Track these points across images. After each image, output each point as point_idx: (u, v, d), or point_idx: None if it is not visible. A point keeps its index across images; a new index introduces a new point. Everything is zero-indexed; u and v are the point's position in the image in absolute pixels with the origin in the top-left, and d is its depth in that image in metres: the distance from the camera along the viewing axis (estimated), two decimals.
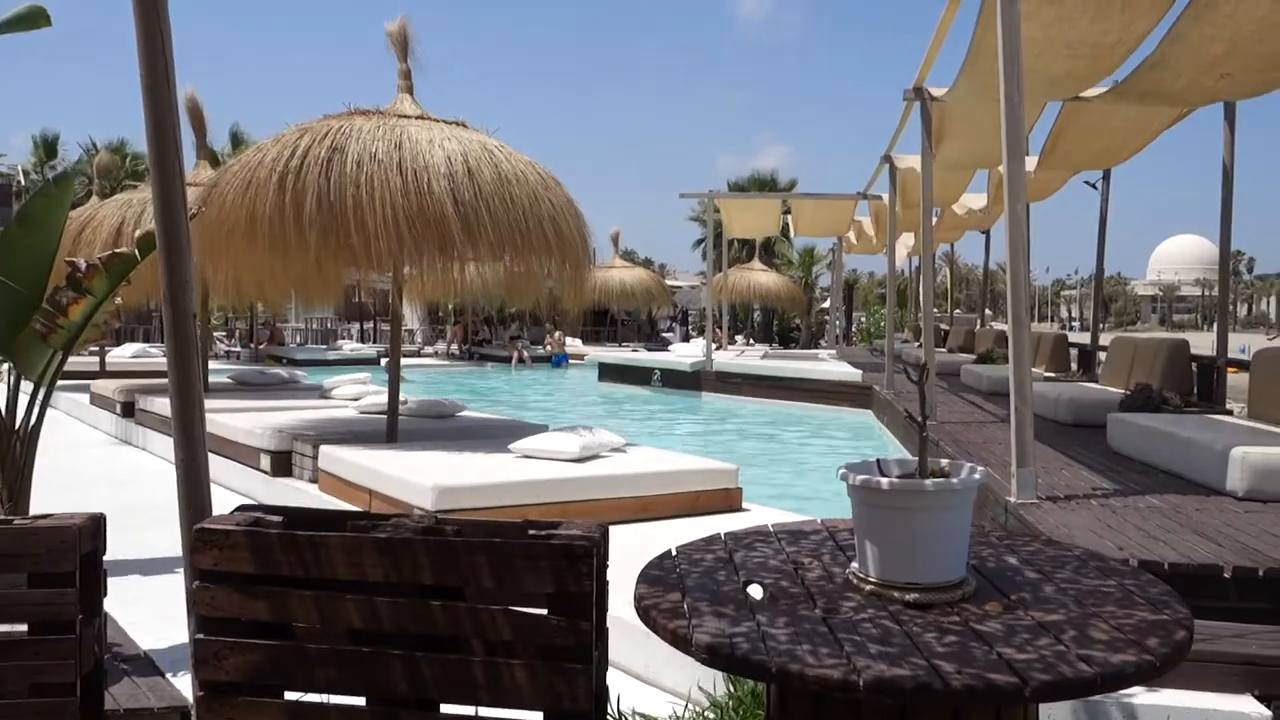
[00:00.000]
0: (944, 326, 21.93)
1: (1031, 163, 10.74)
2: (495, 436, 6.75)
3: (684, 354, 17.92)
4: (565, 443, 5.76)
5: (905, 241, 20.98)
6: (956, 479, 1.89)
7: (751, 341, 30.76)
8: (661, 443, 9.57)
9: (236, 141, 33.31)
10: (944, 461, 2.01)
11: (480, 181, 5.95)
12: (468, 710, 1.74)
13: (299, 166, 5.82)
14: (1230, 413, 7.53)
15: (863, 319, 39.56)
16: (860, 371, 14.20)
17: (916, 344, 19.28)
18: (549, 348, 25.50)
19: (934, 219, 13.22)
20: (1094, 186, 12.29)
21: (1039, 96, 8.11)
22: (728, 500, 5.67)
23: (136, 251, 3.36)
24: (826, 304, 35.91)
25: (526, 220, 6.02)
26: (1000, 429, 7.77)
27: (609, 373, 18.86)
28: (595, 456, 5.84)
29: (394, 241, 5.72)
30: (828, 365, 16.03)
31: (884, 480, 1.87)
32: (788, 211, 22.25)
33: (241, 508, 1.94)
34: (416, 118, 6.34)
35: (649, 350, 24.41)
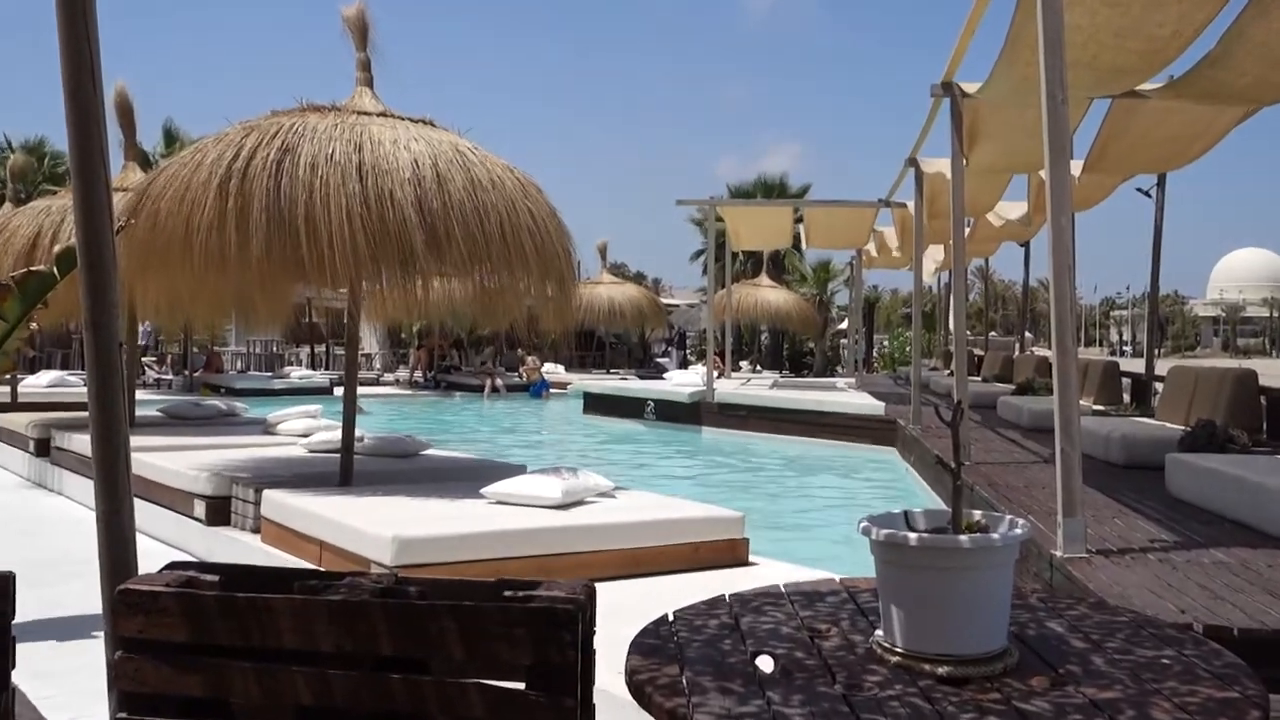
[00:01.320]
0: (977, 351, 22.04)
1: (1076, 167, 10.82)
2: (465, 479, 6.75)
3: (681, 383, 17.93)
4: (546, 487, 5.74)
5: (933, 255, 21.08)
6: (996, 534, 1.88)
7: (758, 368, 30.84)
8: (656, 486, 9.53)
9: (171, 140, 33.41)
10: (979, 514, 2.01)
11: (450, 188, 5.97)
12: None
13: (243, 169, 5.84)
14: None
15: (885, 343, 39.62)
16: (882, 404, 14.23)
17: (946, 372, 19.36)
18: (525, 375, 25.51)
19: (966, 230, 13.29)
20: (1147, 194, 12.39)
21: (1085, 92, 8.19)
22: (732, 553, 5.66)
23: (55, 269, 3.36)
24: (844, 325, 36.01)
25: (502, 231, 6.04)
26: (1043, 471, 7.79)
27: (596, 404, 18.86)
28: (580, 503, 5.83)
29: (351, 254, 5.73)
30: (846, 396, 16.05)
31: (912, 536, 1.86)
32: (799, 220, 22.39)
33: (172, 565, 1.92)
34: (378, 115, 6.38)
35: (641, 378, 24.42)
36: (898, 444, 12.70)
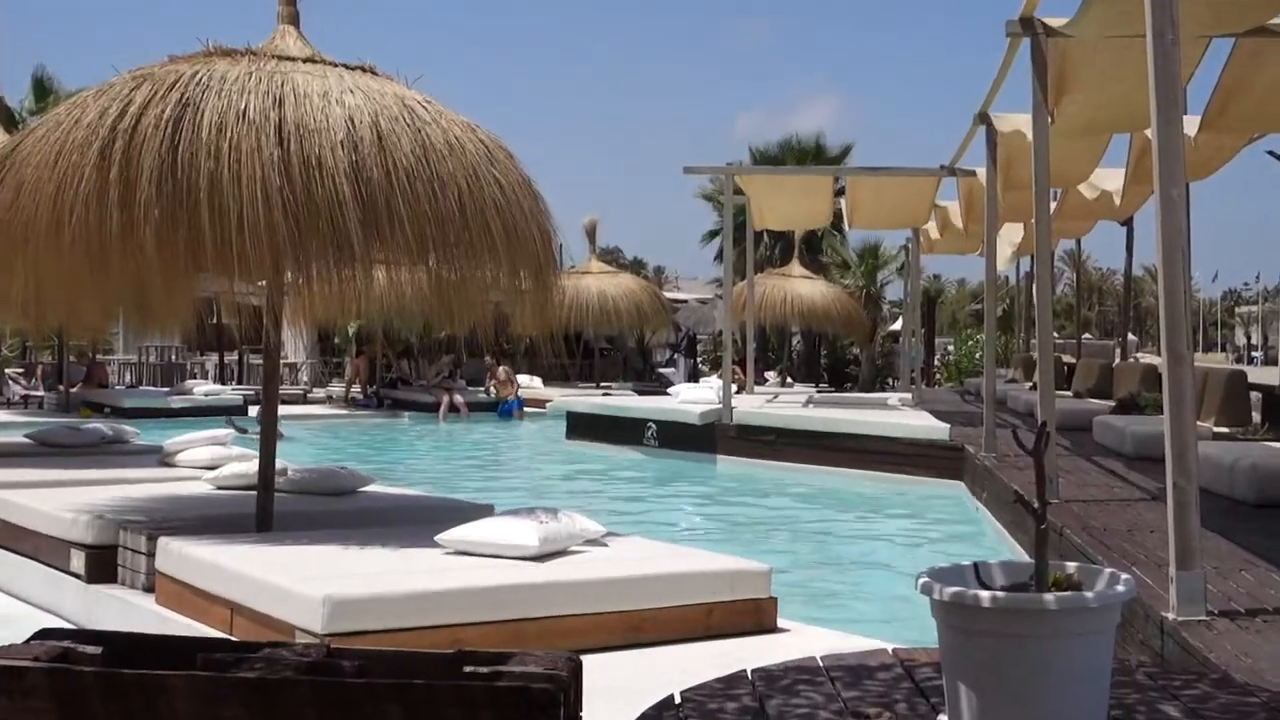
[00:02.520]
0: (1067, 359, 22.08)
1: (1191, 125, 10.85)
2: (416, 523, 6.76)
3: (691, 399, 17.89)
4: (519, 533, 5.74)
5: (1010, 237, 21.11)
6: (1091, 591, 1.88)
7: (789, 381, 30.85)
8: (659, 532, 9.49)
9: (43, 93, 33.43)
10: (1071, 566, 2.01)
11: (396, 153, 5.97)
12: None
13: (131, 130, 5.84)
14: None
15: (949, 348, 39.70)
16: (946, 425, 14.24)
17: (1028, 385, 19.37)
18: (493, 391, 25.51)
19: (1052, 204, 13.30)
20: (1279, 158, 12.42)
21: (1202, 30, 8.21)
22: (756, 617, 5.65)
23: None
24: (897, 326, 36.11)
25: (462, 207, 6.04)
26: (1151, 510, 7.79)
27: (582, 427, 18.88)
28: (562, 553, 5.83)
29: (269, 238, 5.73)
30: (900, 416, 16.02)
31: (985, 595, 1.86)
32: (840, 193, 22.40)
33: (43, 633, 1.92)
34: (304, 60, 6.38)
35: (640, 394, 24.41)
36: (966, 477, 12.70)
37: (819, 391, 26.42)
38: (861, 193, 19.49)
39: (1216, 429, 11.65)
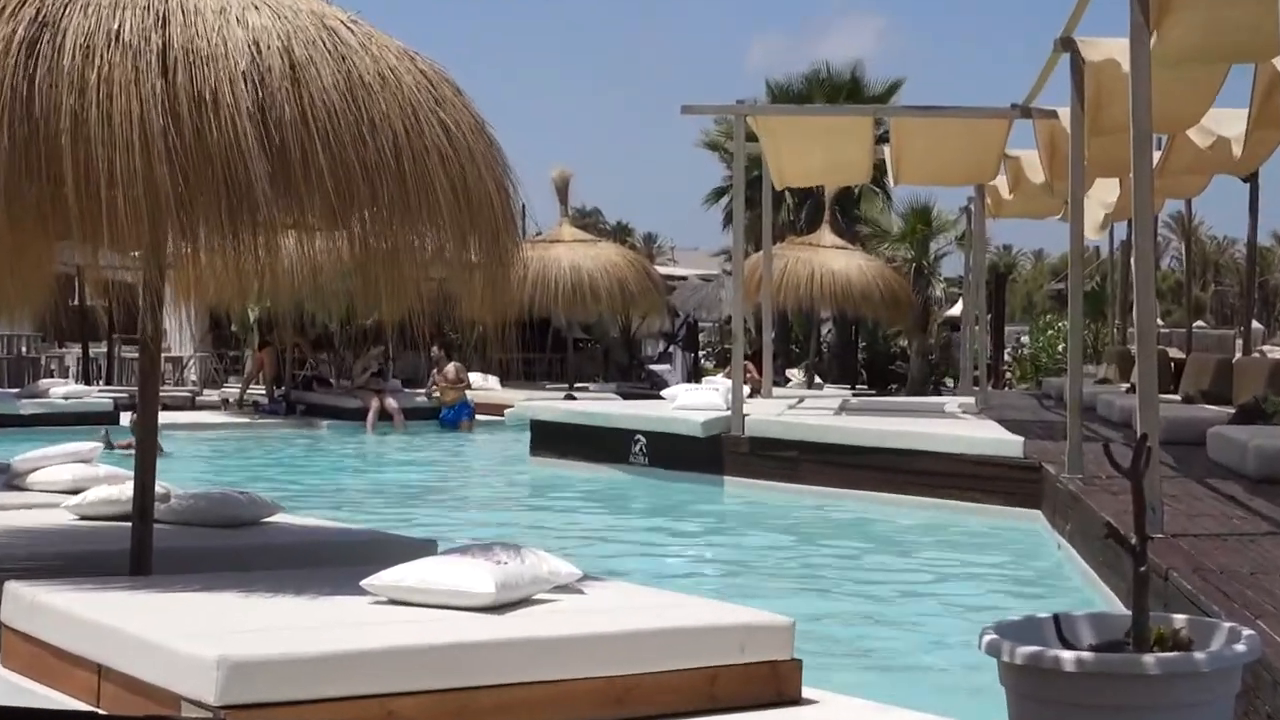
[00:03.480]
0: (1174, 353, 22.12)
1: None
2: (337, 562, 6.78)
3: (691, 404, 17.88)
4: (469, 576, 5.72)
5: (1101, 197, 21.11)
6: (1204, 652, 1.89)
7: (817, 380, 30.89)
8: (649, 575, 9.49)
9: None
10: (1180, 619, 2.02)
11: (313, 87, 5.95)
12: None
13: None
14: None
15: (1023, 338, 39.71)
16: (1020, 439, 14.26)
17: (1124, 386, 19.38)
18: (436, 393, 25.42)
19: (1155, 155, 13.29)
20: None
21: None
22: (774, 684, 5.63)
23: None
24: (956, 310, 36.10)
25: (398, 158, 6.04)
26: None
27: (551, 439, 18.84)
28: (525, 602, 5.82)
29: (148, 196, 5.72)
30: (961, 425, 16.05)
31: (1068, 656, 1.87)
32: (884, 140, 22.41)
33: None
34: None
35: (626, 397, 24.39)
36: (1045, 505, 12.73)
37: (855, 395, 26.42)
38: (911, 139, 19.49)
39: None
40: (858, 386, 31.59)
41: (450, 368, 25.33)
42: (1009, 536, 12.66)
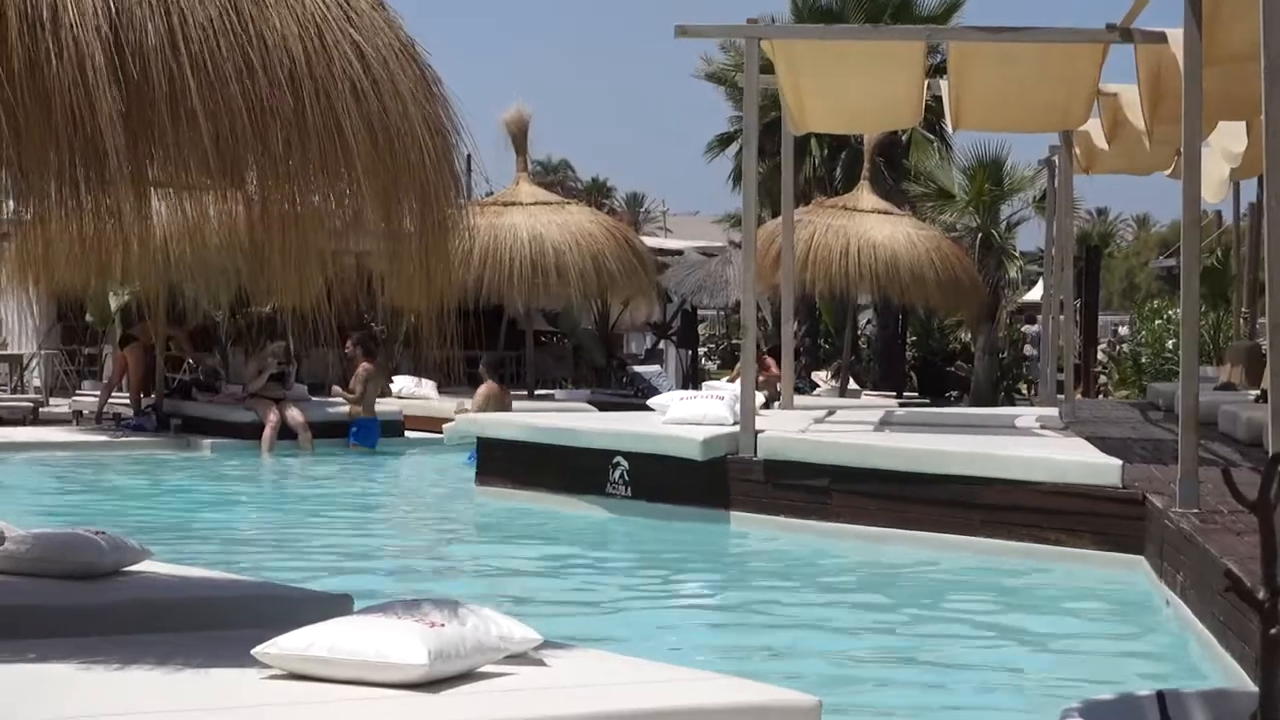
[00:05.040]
0: None
1: None
2: (220, 624, 6.85)
3: (686, 417, 17.87)
4: (396, 642, 5.71)
5: (1225, 146, 21.16)
6: None
7: (854, 385, 30.88)
8: (633, 641, 9.47)
9: None
10: None
11: (184, 1, 5.94)
12: None
13: None
14: None
15: (1122, 330, 39.67)
16: (1118, 462, 14.26)
17: (1253, 394, 19.37)
18: (358, 397, 25.22)
19: None
20: None
21: None
22: None
23: None
24: (1035, 295, 36.17)
25: (298, 93, 6.04)
26: None
27: (504, 463, 18.86)
28: (470, 676, 5.82)
29: None
30: (1040, 445, 16.08)
31: None
32: (941, 72, 22.41)
33: None
34: None
35: (603, 407, 24.40)
36: (1149, 547, 12.73)
37: (903, 405, 26.42)
38: (976, 72, 19.47)
39: None
40: (906, 394, 31.68)
41: (362, 370, 25.01)
42: (1102, 590, 12.67)
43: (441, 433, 23.06)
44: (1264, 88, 9.08)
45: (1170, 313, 30.81)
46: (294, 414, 24.48)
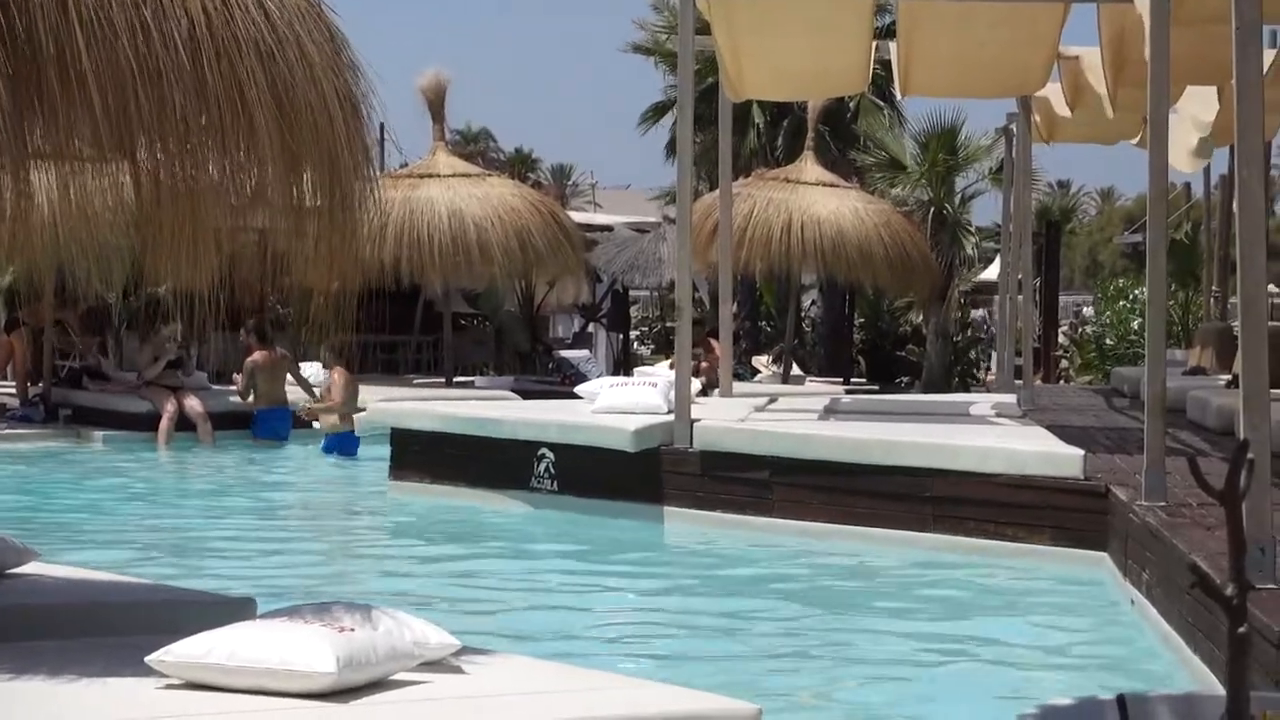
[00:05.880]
0: None
1: None
2: (112, 629, 6.80)
3: (617, 406, 17.82)
4: (301, 649, 5.71)
5: (1194, 113, 21.24)
6: None
7: (797, 371, 30.91)
8: (558, 646, 9.48)
9: None
10: None
11: None
12: None
13: None
14: None
15: (1085, 311, 39.82)
16: (1079, 451, 14.30)
17: (1223, 379, 19.50)
18: (243, 391, 24.89)
19: (1268, 54, 13.32)
20: None
21: None
22: None
23: None
24: (991, 273, 36.27)
25: (195, 54, 6.03)
26: None
27: (420, 456, 18.74)
28: (382, 685, 5.83)
29: None
30: (996, 434, 16.09)
31: None
32: (890, 34, 22.46)
33: None
34: None
35: (527, 396, 24.37)
36: (1113, 542, 12.77)
37: (850, 391, 26.46)
38: (928, 33, 19.52)
39: None
40: (853, 380, 31.70)
41: (254, 356, 24.64)
42: (1062, 589, 12.69)
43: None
44: (1235, 50, 9.11)
45: (1136, 292, 31.01)
46: (193, 404, 24.27)
